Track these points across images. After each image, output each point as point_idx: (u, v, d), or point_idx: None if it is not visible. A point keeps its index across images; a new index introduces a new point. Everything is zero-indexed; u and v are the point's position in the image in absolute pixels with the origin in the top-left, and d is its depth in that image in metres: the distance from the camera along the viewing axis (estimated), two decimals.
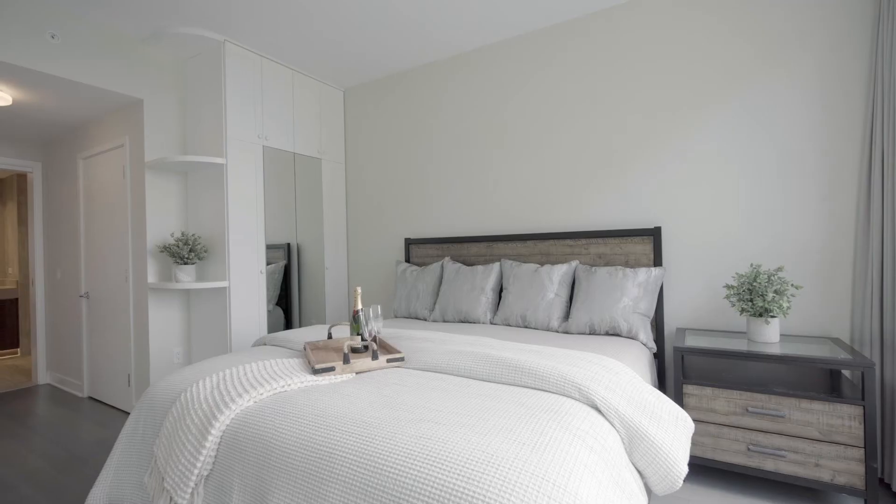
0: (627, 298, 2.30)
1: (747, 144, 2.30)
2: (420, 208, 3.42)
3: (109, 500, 1.61)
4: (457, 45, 3.07)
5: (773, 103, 2.24)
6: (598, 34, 2.69)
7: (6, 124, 3.40)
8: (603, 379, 1.36)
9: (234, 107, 2.90)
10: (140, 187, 2.96)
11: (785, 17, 2.21)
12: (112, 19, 2.62)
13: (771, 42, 2.24)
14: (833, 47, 2.11)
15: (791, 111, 2.20)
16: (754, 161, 2.29)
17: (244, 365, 1.67)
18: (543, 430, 1.10)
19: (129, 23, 2.66)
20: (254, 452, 1.25)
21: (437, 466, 0.98)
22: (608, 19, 2.66)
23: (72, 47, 2.56)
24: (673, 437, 1.25)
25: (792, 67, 2.20)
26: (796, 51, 2.19)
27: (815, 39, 2.15)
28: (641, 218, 2.58)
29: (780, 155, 2.23)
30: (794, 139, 2.20)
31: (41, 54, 2.44)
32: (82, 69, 2.61)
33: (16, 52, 2.35)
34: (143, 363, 2.98)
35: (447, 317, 2.78)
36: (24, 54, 2.37)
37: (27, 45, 2.39)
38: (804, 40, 2.17)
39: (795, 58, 2.19)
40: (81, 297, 3.56)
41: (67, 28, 2.55)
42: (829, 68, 2.12)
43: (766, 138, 2.26)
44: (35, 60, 2.42)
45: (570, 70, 2.79)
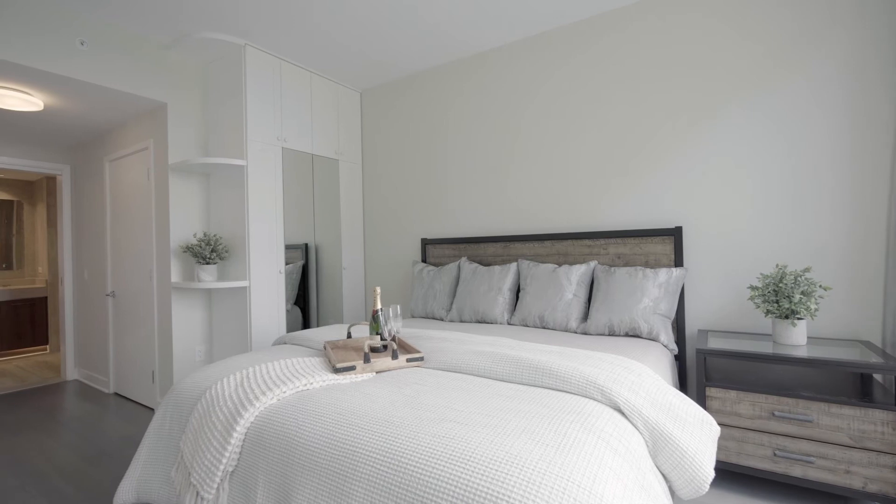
0: (648, 299, 2.27)
1: (772, 142, 2.25)
2: (436, 208, 3.42)
3: (138, 494, 1.65)
4: (474, 45, 3.07)
5: (799, 101, 2.18)
6: (616, 33, 2.66)
7: (37, 129, 3.52)
8: (626, 381, 1.34)
9: (255, 109, 2.95)
10: (164, 189, 3.04)
11: (809, 12, 2.15)
12: (137, 26, 2.70)
13: (795, 39, 2.18)
14: (860, 43, 2.05)
15: (818, 108, 2.14)
16: (779, 159, 2.23)
17: (266, 363, 1.70)
18: (566, 431, 1.09)
19: (153, 29, 2.73)
20: (278, 449, 1.27)
21: (461, 466, 0.98)
22: (627, 18, 2.63)
23: (99, 53, 2.64)
24: (699, 440, 1.23)
25: (818, 64, 2.14)
26: (822, 47, 2.13)
27: (841, 35, 2.09)
28: (662, 217, 2.54)
29: (807, 153, 2.17)
30: (822, 137, 2.14)
31: (71, 61, 2.52)
32: (109, 74, 2.68)
33: (47, 59, 2.43)
34: (166, 361, 3.06)
35: (464, 317, 2.78)
36: (54, 61, 2.46)
37: (58, 52, 2.47)
38: (830, 36, 2.11)
39: (822, 54, 2.13)
40: (108, 296, 3.67)
41: (95, 35, 2.62)
42: (856, 64, 2.06)
43: (792, 136, 2.20)
44: (65, 67, 2.50)
45: (588, 69, 2.76)
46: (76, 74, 2.54)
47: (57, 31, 2.47)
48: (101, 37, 2.65)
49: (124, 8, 2.50)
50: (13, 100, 2.68)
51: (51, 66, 2.44)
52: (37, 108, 2.85)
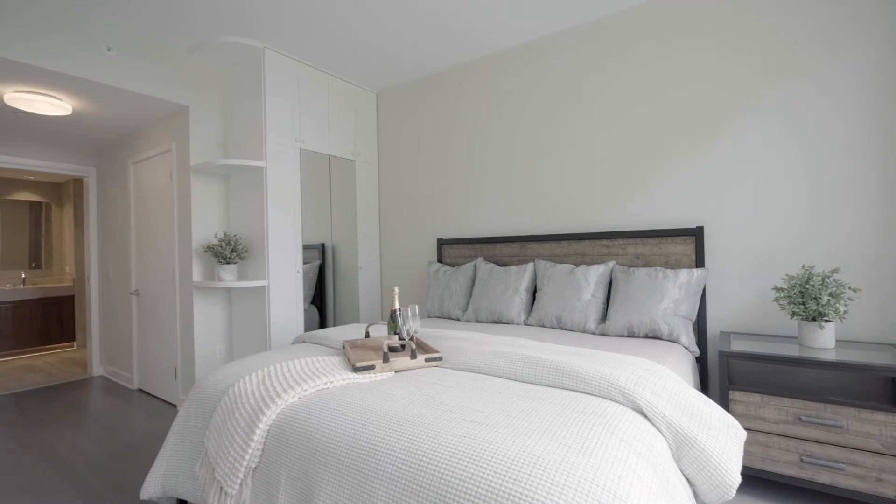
0: (668, 300, 2.24)
1: (797, 141, 2.19)
2: (452, 209, 3.43)
3: (163, 487, 1.69)
4: (489, 45, 3.06)
5: (825, 99, 2.12)
6: (635, 32, 2.63)
7: (65, 132, 3.64)
8: (648, 383, 1.32)
9: (273, 111, 3.00)
10: (186, 190, 3.11)
11: (833, 13, 2.09)
12: (160, 31, 2.76)
13: (820, 39, 2.12)
14: (885, 41, 1.98)
15: (844, 107, 2.08)
16: (804, 158, 2.17)
17: (287, 362, 1.73)
18: (589, 433, 1.08)
19: (176, 34, 2.80)
20: (300, 446, 1.29)
21: (483, 467, 0.98)
22: (647, 17, 2.59)
23: (125, 59, 2.71)
24: (724, 444, 1.20)
25: (843, 63, 2.07)
26: (847, 46, 2.06)
27: (865, 34, 2.02)
28: (682, 218, 2.50)
29: (833, 152, 2.11)
30: (848, 136, 2.07)
31: (98, 66, 2.60)
32: (134, 79, 2.76)
33: (76, 65, 2.51)
34: (188, 358, 3.13)
35: (480, 317, 2.78)
36: (82, 66, 2.53)
37: (86, 58, 2.55)
38: (854, 35, 2.04)
39: (847, 53, 2.06)
40: (132, 295, 3.77)
41: (121, 41, 2.70)
42: (882, 62, 1.99)
43: (817, 135, 2.14)
44: (93, 72, 2.57)
45: (609, 70, 2.73)
46: (103, 79, 2.62)
47: (85, 38, 2.55)
48: (126, 42, 2.72)
49: (149, 14, 2.57)
50: (44, 104, 2.77)
51: (79, 71, 2.52)
52: (66, 112, 2.95)
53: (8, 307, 5.03)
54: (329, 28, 2.78)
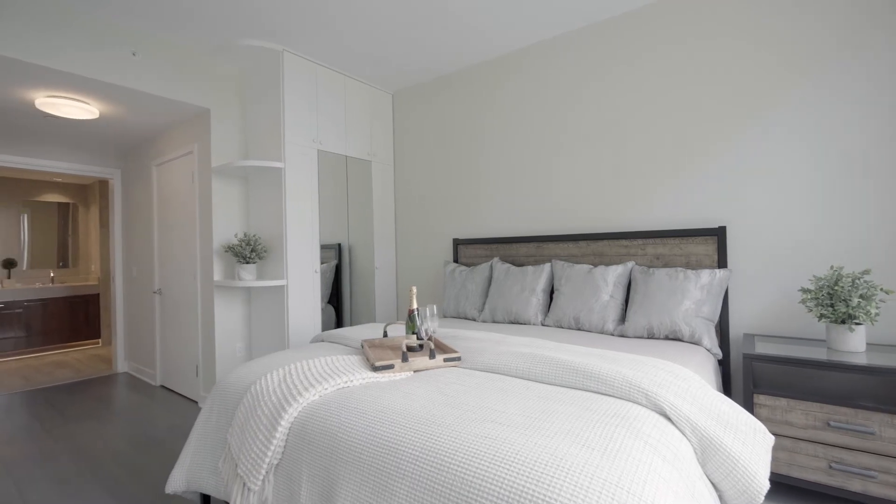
0: (689, 301, 2.20)
1: (824, 137, 2.12)
2: (468, 209, 3.42)
3: (188, 482, 1.73)
4: (504, 44, 3.05)
5: (855, 94, 2.05)
6: (656, 28, 2.58)
7: (92, 135, 3.75)
8: (671, 385, 1.30)
9: (292, 113, 3.04)
10: (207, 191, 3.17)
11: (861, 5, 2.02)
12: (183, 36, 2.82)
13: (850, 27, 2.06)
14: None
15: (875, 102, 2.01)
16: (832, 156, 2.11)
17: (307, 360, 1.75)
18: (612, 435, 1.07)
19: (197, 38, 2.86)
20: (321, 444, 1.30)
21: (505, 467, 0.98)
22: (668, 13, 2.55)
23: (149, 63, 2.78)
24: (751, 449, 1.18)
25: (872, 56, 2.00)
26: (877, 38, 1.99)
27: (894, 25, 1.95)
28: (704, 217, 2.45)
29: (862, 150, 2.04)
30: (878, 133, 2.00)
31: (124, 71, 2.67)
32: (158, 83, 2.82)
33: (103, 69, 2.58)
34: (209, 356, 3.19)
35: (497, 317, 2.77)
36: (109, 71, 2.61)
37: (112, 63, 2.62)
38: (884, 27, 1.97)
39: (877, 45, 1.99)
40: (155, 294, 3.86)
41: (145, 46, 2.77)
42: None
43: (846, 132, 2.07)
44: (119, 76, 2.65)
45: (627, 66, 2.70)
46: (129, 83, 2.69)
47: (112, 44, 2.62)
48: (150, 47, 2.79)
49: (172, 20, 2.63)
50: (73, 109, 2.86)
51: (106, 75, 2.59)
52: (93, 116, 3.03)
53: (38, 305, 5.21)
54: (346, 30, 2.80)
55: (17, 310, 5.07)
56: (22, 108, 3.03)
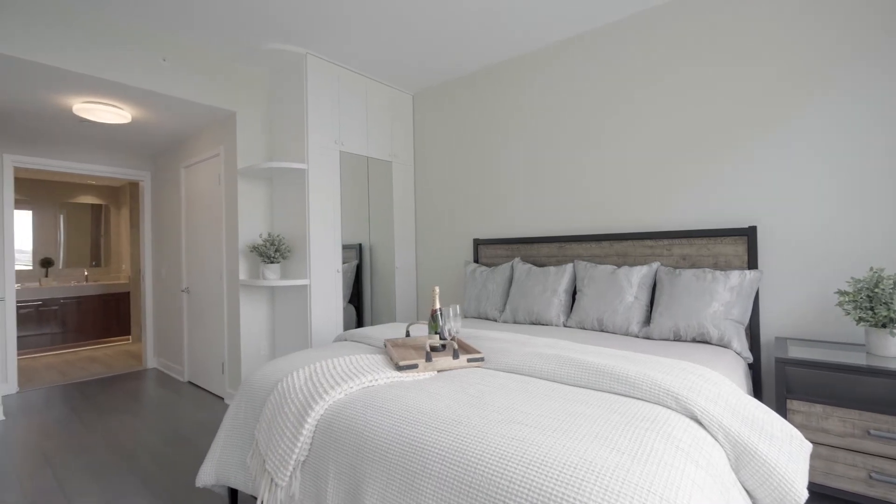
0: (718, 303, 2.14)
1: (861, 133, 2.04)
2: (489, 209, 3.41)
3: (217, 476, 1.78)
4: (525, 44, 3.03)
5: (894, 85, 1.96)
6: (681, 19, 2.52)
7: (124, 139, 3.88)
8: (702, 389, 1.27)
9: (315, 115, 3.08)
10: (233, 192, 3.24)
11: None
12: (210, 41, 2.89)
13: (885, 20, 1.97)
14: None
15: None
16: (870, 153, 2.02)
17: (332, 359, 1.77)
18: (642, 439, 1.05)
19: (224, 43, 2.92)
20: (347, 442, 1.32)
21: (534, 470, 0.97)
22: (696, 9, 2.48)
23: (178, 68, 2.87)
24: (788, 456, 1.14)
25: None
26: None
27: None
28: (733, 217, 2.38)
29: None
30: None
31: (155, 76, 2.76)
32: (187, 87, 2.91)
33: (135, 76, 2.67)
34: (234, 353, 3.27)
35: (518, 318, 2.75)
36: (141, 77, 2.70)
37: (144, 69, 2.71)
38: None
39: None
40: (182, 292, 3.97)
41: (174, 51, 2.85)
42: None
43: (885, 126, 1.98)
44: (150, 82, 2.74)
45: (652, 60, 2.64)
46: (159, 88, 2.77)
47: (144, 51, 2.71)
48: (179, 53, 2.87)
49: (200, 26, 2.70)
50: (107, 114, 2.97)
51: (139, 81, 2.68)
52: (125, 120, 3.14)
53: (73, 302, 5.43)
54: (367, 32, 2.83)
55: (54, 307, 5.29)
56: (60, 114, 3.16)
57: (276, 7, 2.53)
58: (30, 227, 5.53)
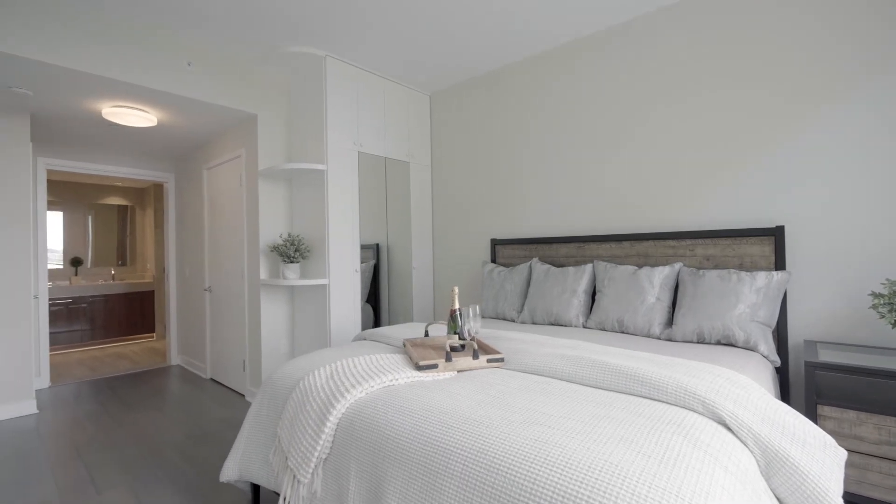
0: (743, 305, 2.08)
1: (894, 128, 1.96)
2: (506, 209, 3.40)
3: (240, 472, 1.81)
4: (543, 43, 3.01)
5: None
6: (705, 13, 2.47)
7: (150, 142, 3.99)
8: (730, 393, 1.24)
9: (334, 116, 3.12)
10: (254, 193, 3.30)
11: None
12: (232, 45, 2.95)
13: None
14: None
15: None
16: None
17: (352, 358, 1.79)
18: (669, 443, 1.03)
19: (246, 47, 2.98)
20: (369, 441, 1.33)
21: (558, 472, 0.97)
22: (721, 4, 2.43)
23: (202, 72, 2.93)
24: (822, 464, 1.10)
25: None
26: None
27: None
28: (759, 217, 2.32)
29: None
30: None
31: (180, 80, 2.83)
32: (210, 91, 2.97)
33: (162, 80, 2.74)
34: (255, 351, 3.33)
35: (536, 318, 2.73)
36: (167, 81, 2.77)
37: (170, 74, 2.78)
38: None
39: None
40: (205, 291, 4.06)
41: (198, 55, 2.92)
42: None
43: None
44: (176, 85, 2.81)
45: (674, 56, 2.59)
46: (184, 92, 2.84)
47: (170, 55, 2.78)
48: (203, 57, 2.94)
49: (224, 29, 2.75)
50: (134, 117, 3.05)
51: (165, 85, 2.75)
52: (151, 123, 3.23)
53: (101, 300, 5.61)
54: (386, 34, 2.84)
55: (83, 305, 5.47)
56: (90, 118, 3.27)
57: (298, 11, 2.56)
58: (61, 227, 5.73)
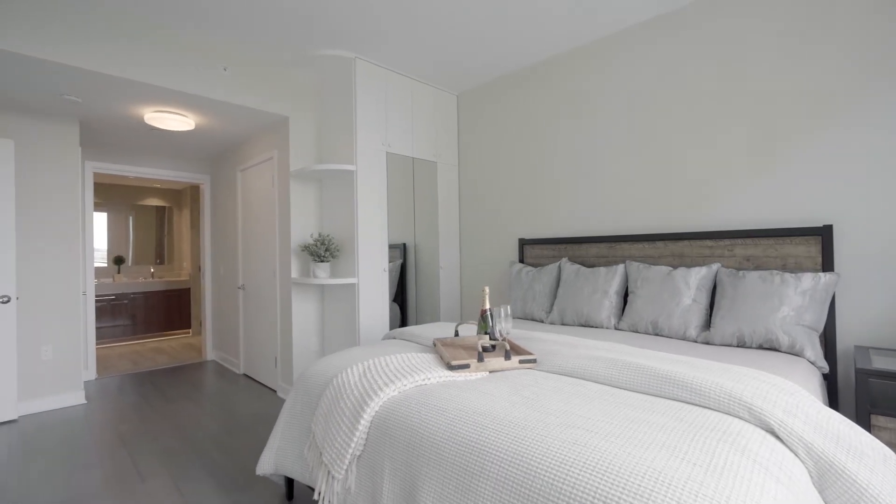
0: (788, 308, 1.99)
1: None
2: (534, 208, 3.36)
3: (275, 466, 1.86)
4: (572, 40, 2.95)
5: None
6: (745, 8, 2.37)
7: (188, 145, 4.15)
8: (779, 400, 1.19)
9: (363, 117, 3.16)
10: (285, 194, 3.38)
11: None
12: (265, 49, 3.03)
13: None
14: None
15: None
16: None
17: (384, 357, 1.80)
18: (714, 451, 0.99)
19: (278, 50, 3.05)
20: (403, 439, 1.34)
21: (598, 477, 0.95)
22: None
23: (237, 76, 3.02)
24: (882, 478, 1.04)
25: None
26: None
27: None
28: (804, 215, 2.21)
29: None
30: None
31: (216, 85, 2.92)
32: (245, 94, 3.06)
33: (200, 85, 2.84)
34: (287, 348, 3.41)
35: (566, 319, 2.69)
36: (204, 86, 2.87)
37: (207, 79, 2.88)
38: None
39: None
40: (239, 289, 4.19)
41: (233, 60, 3.01)
42: None
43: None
44: (212, 90, 2.90)
45: (707, 49, 2.50)
46: (221, 96, 2.94)
47: (207, 61, 2.88)
48: (237, 61, 3.03)
49: (258, 34, 2.82)
50: (174, 121, 3.18)
51: (203, 90, 2.85)
52: (190, 127, 3.35)
53: (141, 297, 5.87)
54: (414, 34, 2.86)
55: (125, 301, 5.74)
56: (133, 123, 3.42)
57: (328, 14, 2.60)
58: (105, 227, 6.03)
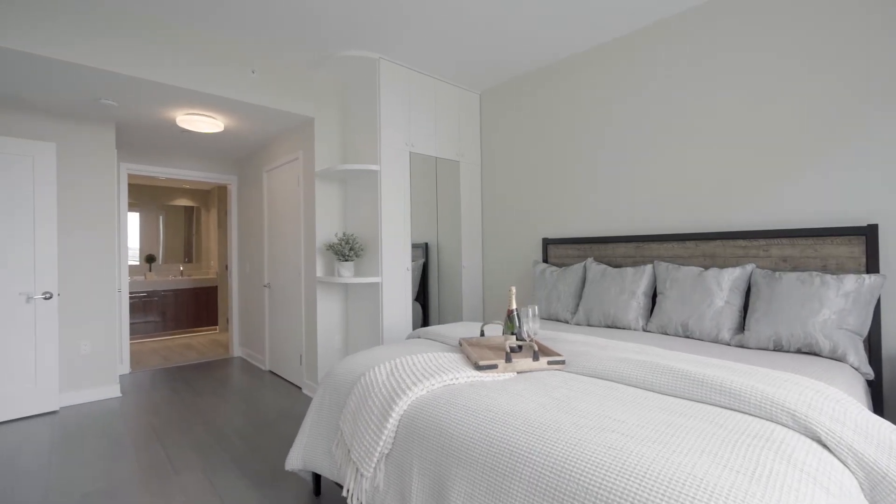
0: (829, 311, 1.91)
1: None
2: (559, 207, 3.32)
3: (304, 462, 1.89)
4: (598, 36, 2.90)
5: None
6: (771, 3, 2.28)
7: (216, 146, 4.25)
8: (824, 407, 1.14)
9: (387, 117, 3.18)
10: (311, 194, 3.43)
11: None
12: (291, 51, 3.07)
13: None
14: None
15: None
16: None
17: (411, 356, 1.81)
18: (758, 458, 0.96)
19: (304, 52, 3.09)
20: (431, 439, 1.34)
21: (635, 482, 0.92)
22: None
23: (264, 79, 3.08)
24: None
25: None
26: None
27: None
28: (846, 214, 2.11)
29: None
30: None
31: (244, 87, 2.99)
32: (271, 97, 3.12)
33: (229, 88, 2.91)
34: (311, 346, 3.46)
35: (592, 320, 2.65)
36: (233, 88, 2.93)
37: (235, 81, 2.94)
38: None
39: None
40: (264, 287, 4.28)
41: (260, 63, 3.07)
42: None
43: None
44: (241, 92, 2.97)
45: (742, 42, 2.42)
46: (249, 98, 3.00)
47: (235, 63, 2.95)
48: (264, 64, 3.09)
49: (284, 37, 2.87)
50: (204, 124, 3.26)
51: (232, 93, 2.92)
52: (219, 129, 3.44)
53: (171, 294, 6.05)
54: (437, 34, 2.86)
55: (156, 298, 5.94)
56: (165, 126, 3.53)
57: (352, 15, 2.63)
58: (137, 227, 6.25)
